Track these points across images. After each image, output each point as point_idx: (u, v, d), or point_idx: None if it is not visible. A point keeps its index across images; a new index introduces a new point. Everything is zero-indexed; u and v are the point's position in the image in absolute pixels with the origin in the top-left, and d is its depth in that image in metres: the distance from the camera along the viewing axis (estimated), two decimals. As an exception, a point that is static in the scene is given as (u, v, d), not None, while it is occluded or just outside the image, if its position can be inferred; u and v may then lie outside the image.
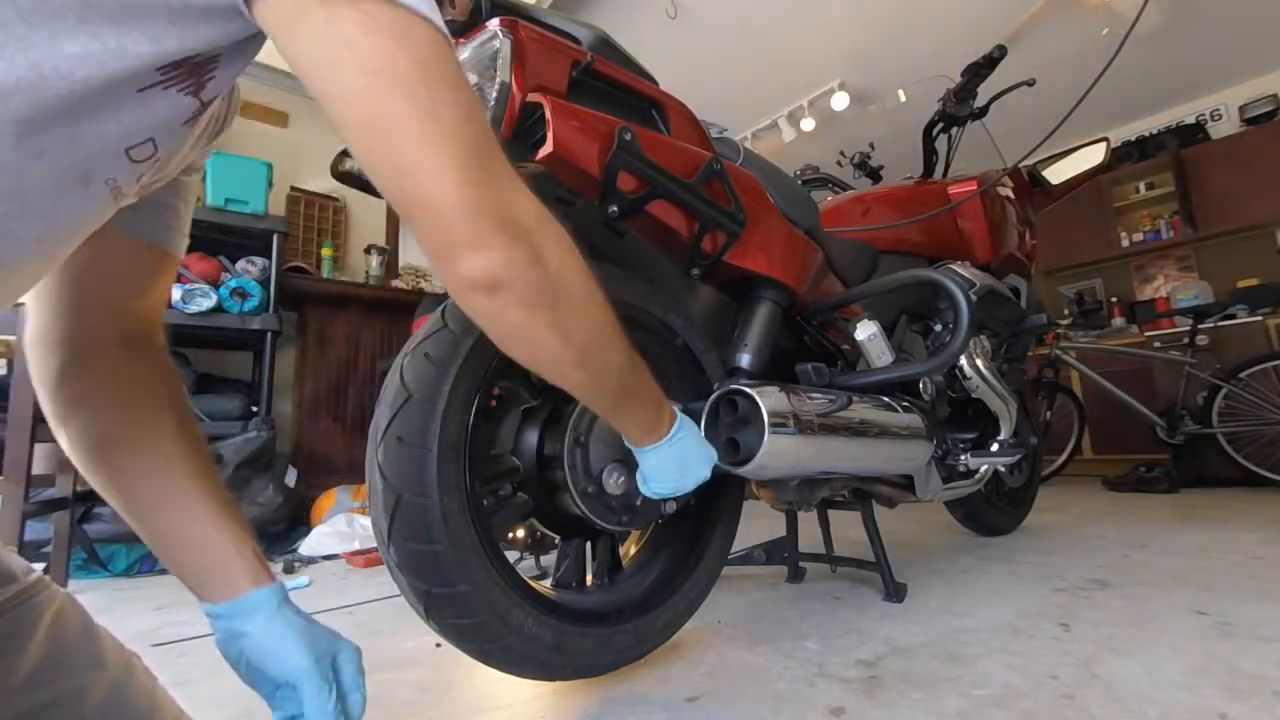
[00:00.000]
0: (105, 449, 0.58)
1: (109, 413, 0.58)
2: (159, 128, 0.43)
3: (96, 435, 0.58)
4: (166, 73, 0.41)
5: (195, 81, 0.43)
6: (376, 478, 0.71)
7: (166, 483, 0.58)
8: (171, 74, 0.41)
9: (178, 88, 0.42)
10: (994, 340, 1.59)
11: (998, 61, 1.69)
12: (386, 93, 0.40)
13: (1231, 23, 3.34)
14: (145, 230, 0.58)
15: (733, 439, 0.87)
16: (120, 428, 0.58)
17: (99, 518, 2.06)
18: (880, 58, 3.54)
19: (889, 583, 1.26)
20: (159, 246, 0.59)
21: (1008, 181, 1.81)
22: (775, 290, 1.05)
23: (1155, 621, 1.06)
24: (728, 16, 3.23)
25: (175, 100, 0.42)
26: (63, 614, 0.51)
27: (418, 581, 0.70)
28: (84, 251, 0.50)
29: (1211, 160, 3.88)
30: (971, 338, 1.16)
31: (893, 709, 0.78)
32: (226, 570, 0.57)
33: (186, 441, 0.60)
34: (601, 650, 0.83)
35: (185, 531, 0.58)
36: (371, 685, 0.94)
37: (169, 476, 0.58)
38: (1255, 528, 1.87)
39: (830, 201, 1.66)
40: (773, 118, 4.10)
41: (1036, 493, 2.07)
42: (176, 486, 0.58)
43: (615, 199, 0.80)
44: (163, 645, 1.21)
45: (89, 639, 0.52)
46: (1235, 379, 2.94)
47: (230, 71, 0.46)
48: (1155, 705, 0.76)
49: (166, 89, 0.41)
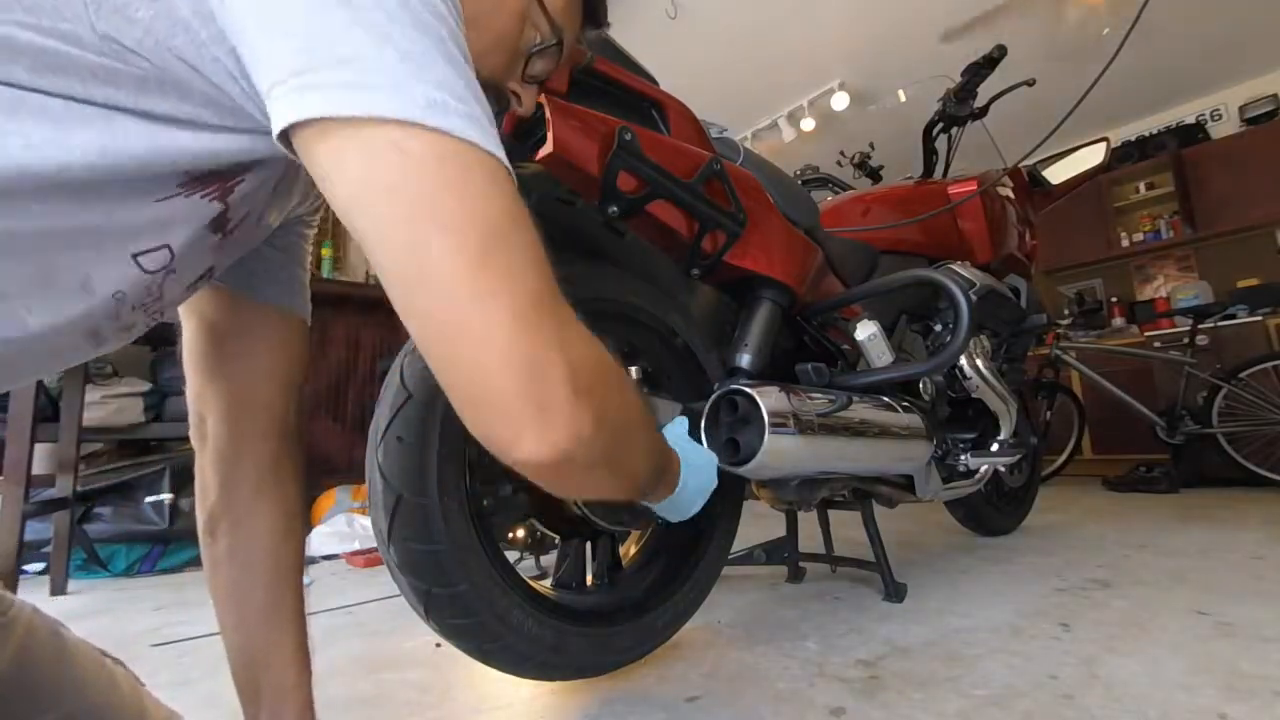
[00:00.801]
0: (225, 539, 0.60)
1: (256, 519, 0.60)
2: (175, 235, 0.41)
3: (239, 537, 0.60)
4: (189, 183, 0.39)
5: (221, 187, 0.41)
6: (376, 478, 0.71)
7: (266, 579, 0.60)
8: (195, 183, 0.40)
9: (201, 194, 0.41)
10: (994, 340, 1.59)
11: (998, 61, 1.69)
12: (426, 241, 0.34)
13: (1232, 23, 3.34)
14: (273, 295, 0.60)
15: (733, 439, 0.87)
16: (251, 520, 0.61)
17: (99, 518, 2.06)
18: (880, 58, 3.54)
19: (889, 583, 1.26)
20: (294, 313, 0.61)
21: (1008, 181, 1.81)
22: (775, 290, 1.05)
23: (1155, 621, 1.06)
24: (728, 16, 3.23)
25: (197, 206, 0.41)
26: (31, 636, 0.48)
27: (418, 581, 0.70)
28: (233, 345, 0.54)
29: (1211, 160, 3.88)
30: (971, 338, 1.16)
31: (893, 709, 0.78)
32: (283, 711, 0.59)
33: (297, 531, 0.63)
34: (601, 650, 0.83)
35: (267, 647, 0.60)
36: (371, 685, 0.95)
37: (273, 573, 0.61)
38: (1255, 528, 1.87)
39: (830, 201, 1.66)
40: (773, 118, 4.10)
41: (1036, 493, 2.07)
42: (274, 586, 0.61)
43: (615, 199, 0.80)
44: (163, 645, 1.21)
45: (62, 666, 0.49)
46: (1235, 379, 2.93)
47: (261, 176, 0.44)
48: (1155, 705, 0.76)
49: (189, 196, 0.40)
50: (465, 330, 0.35)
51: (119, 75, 0.35)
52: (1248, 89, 3.94)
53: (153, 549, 2.10)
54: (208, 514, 0.60)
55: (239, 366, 0.59)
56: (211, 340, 0.58)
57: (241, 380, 0.59)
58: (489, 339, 0.35)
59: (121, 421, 2.31)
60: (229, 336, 0.58)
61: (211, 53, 0.36)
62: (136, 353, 2.66)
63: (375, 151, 0.34)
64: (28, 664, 0.46)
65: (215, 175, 0.41)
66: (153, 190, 0.39)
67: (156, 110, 0.36)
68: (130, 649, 1.18)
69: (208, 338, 0.58)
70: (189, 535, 2.16)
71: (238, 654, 0.61)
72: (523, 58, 0.55)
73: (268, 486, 0.60)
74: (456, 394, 0.37)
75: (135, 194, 0.38)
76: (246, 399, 0.59)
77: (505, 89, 0.56)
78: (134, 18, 0.34)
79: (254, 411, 0.59)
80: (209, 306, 0.58)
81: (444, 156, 0.35)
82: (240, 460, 0.59)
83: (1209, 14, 3.26)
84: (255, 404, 0.59)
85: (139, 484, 2.16)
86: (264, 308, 0.58)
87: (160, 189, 0.39)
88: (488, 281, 0.35)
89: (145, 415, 2.38)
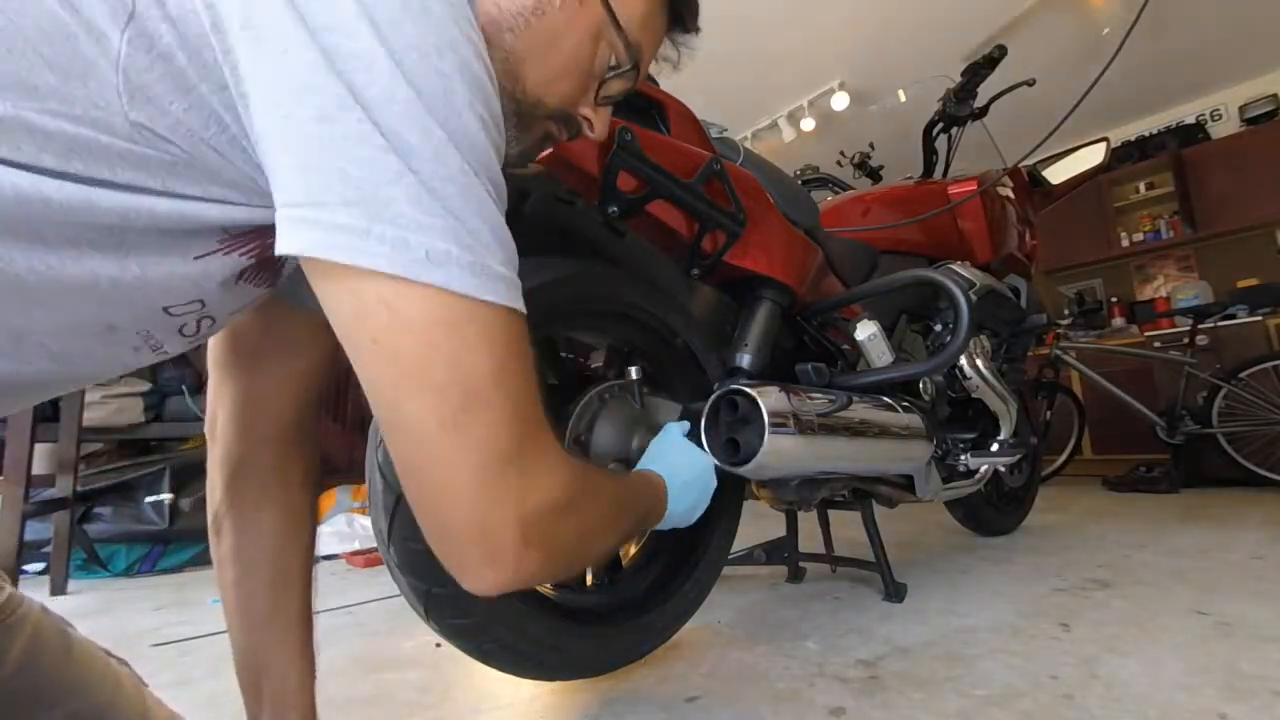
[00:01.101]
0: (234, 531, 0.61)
1: (265, 513, 0.61)
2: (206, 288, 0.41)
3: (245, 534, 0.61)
4: (227, 241, 0.39)
5: (261, 244, 0.41)
6: (376, 478, 0.71)
7: (269, 580, 0.61)
8: (235, 240, 0.40)
9: (240, 251, 0.40)
10: (994, 340, 1.59)
11: (998, 61, 1.69)
12: (404, 400, 0.36)
13: (1232, 23, 3.34)
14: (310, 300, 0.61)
15: (733, 439, 0.87)
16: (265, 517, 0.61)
17: (99, 518, 2.06)
18: (880, 58, 3.54)
19: (889, 583, 1.26)
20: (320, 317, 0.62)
21: (1008, 181, 1.81)
22: (775, 290, 1.05)
23: (1155, 621, 1.06)
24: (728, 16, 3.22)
25: (232, 261, 0.41)
26: (39, 634, 0.48)
27: (418, 581, 0.70)
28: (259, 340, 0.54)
29: (1211, 160, 3.88)
30: (971, 338, 1.16)
31: (893, 709, 0.78)
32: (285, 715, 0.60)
33: (303, 535, 0.63)
34: (601, 650, 0.83)
35: (269, 649, 0.61)
36: (371, 685, 0.95)
37: (282, 565, 0.61)
38: (1255, 528, 1.87)
39: (830, 201, 1.66)
40: (773, 118, 4.10)
41: (1036, 493, 2.07)
42: (277, 588, 0.61)
43: (615, 199, 0.80)
44: (163, 645, 1.21)
45: (68, 665, 0.49)
46: (1235, 379, 2.93)
47: None
48: (1155, 705, 0.76)
49: (228, 254, 0.40)
50: (431, 479, 0.37)
51: (149, 161, 0.34)
52: (1248, 89, 3.94)
53: (153, 549, 2.11)
54: (214, 512, 0.60)
55: (255, 367, 0.58)
56: (232, 338, 0.58)
57: (255, 381, 0.58)
58: (450, 494, 0.37)
59: (121, 421, 2.31)
60: (250, 336, 0.57)
61: (241, 145, 0.36)
62: (136, 353, 2.66)
63: (365, 303, 0.35)
64: (35, 662, 0.47)
65: (255, 232, 0.40)
66: (192, 247, 0.38)
67: (185, 192, 0.36)
68: (130, 649, 1.18)
69: (229, 335, 0.58)
70: (189, 535, 2.16)
71: (241, 654, 0.61)
72: (596, 80, 0.52)
73: (273, 488, 0.60)
74: (421, 518, 0.40)
75: (174, 250, 0.38)
76: (258, 400, 0.58)
77: (576, 115, 0.52)
78: (167, 109, 0.34)
79: (264, 413, 0.59)
80: None
81: (433, 315, 0.35)
82: (246, 460, 0.59)
83: (1209, 14, 3.26)
84: (266, 406, 0.59)
85: (139, 484, 2.16)
86: (295, 312, 0.56)
87: (200, 246, 0.39)
88: (457, 443, 0.36)
89: (145, 415, 2.38)
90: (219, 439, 0.59)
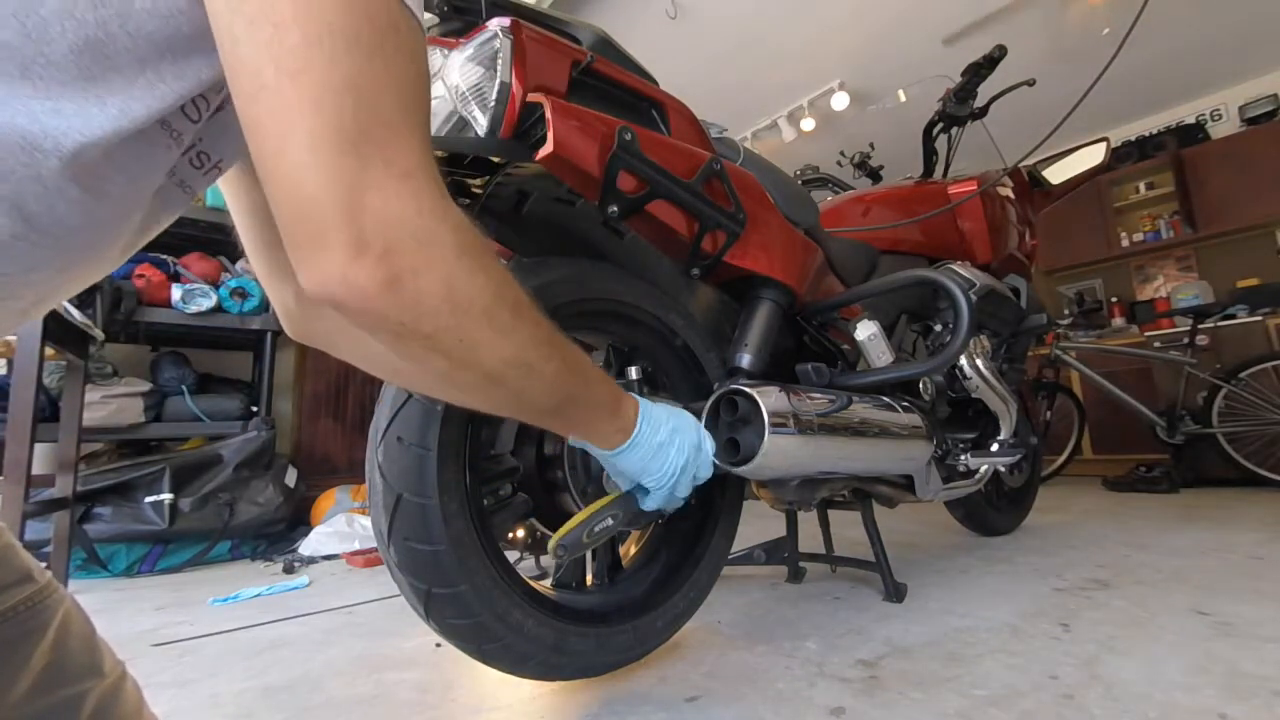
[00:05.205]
0: None
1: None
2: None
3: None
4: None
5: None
6: (376, 478, 0.71)
7: None
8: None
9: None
10: (994, 340, 1.59)
11: (998, 61, 1.70)
12: (245, 25, 0.33)
13: (1232, 23, 3.34)
14: None
15: (733, 439, 0.87)
16: None
17: (99, 518, 2.06)
18: (880, 58, 3.54)
19: (889, 583, 1.26)
20: None
21: (1008, 181, 1.81)
22: (775, 290, 1.05)
23: (1155, 621, 1.06)
24: (728, 16, 3.23)
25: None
26: (68, 617, 0.50)
27: (418, 581, 0.70)
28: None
29: (1211, 160, 3.88)
30: (971, 338, 1.16)
31: (893, 709, 0.78)
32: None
33: None
34: (601, 650, 0.83)
35: None
36: (371, 685, 0.95)
37: None
38: (1255, 528, 1.87)
39: (830, 201, 1.66)
40: (773, 118, 4.10)
41: (1036, 493, 2.07)
42: None
43: (615, 199, 0.80)
44: (163, 645, 1.21)
45: (90, 644, 0.51)
46: (1235, 379, 2.93)
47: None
48: (1155, 705, 0.76)
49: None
50: (267, 133, 0.34)
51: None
52: (1248, 89, 3.94)
53: (153, 549, 2.11)
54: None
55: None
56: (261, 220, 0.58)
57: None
58: (286, 158, 0.34)
59: (121, 421, 2.31)
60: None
61: None
62: (136, 353, 2.66)
63: None
64: (64, 635, 0.48)
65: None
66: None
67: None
68: (130, 649, 1.18)
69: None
70: (189, 535, 2.17)
71: None
72: None
73: None
74: (265, 191, 0.36)
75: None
76: None
77: None
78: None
79: None
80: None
81: None
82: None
83: (1209, 14, 3.26)
84: None
85: (139, 484, 2.16)
86: None
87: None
88: (293, 94, 0.33)
89: (145, 415, 2.38)
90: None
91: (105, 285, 2.22)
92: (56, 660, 0.47)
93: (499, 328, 0.45)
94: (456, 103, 0.75)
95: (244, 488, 2.35)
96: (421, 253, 0.38)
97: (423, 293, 0.39)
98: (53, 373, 2.08)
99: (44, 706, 0.46)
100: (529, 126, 0.75)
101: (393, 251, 0.37)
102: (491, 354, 0.46)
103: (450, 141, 0.76)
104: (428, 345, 0.42)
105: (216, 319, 2.52)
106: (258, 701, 0.90)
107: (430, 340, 0.42)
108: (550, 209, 0.92)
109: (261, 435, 2.44)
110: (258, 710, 0.88)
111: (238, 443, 2.39)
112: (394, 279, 0.37)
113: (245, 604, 1.54)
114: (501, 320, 0.45)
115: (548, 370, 0.52)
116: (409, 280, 0.38)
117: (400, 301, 0.38)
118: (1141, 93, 3.98)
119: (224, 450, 2.36)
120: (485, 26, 0.75)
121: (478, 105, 0.74)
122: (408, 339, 0.41)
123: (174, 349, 2.66)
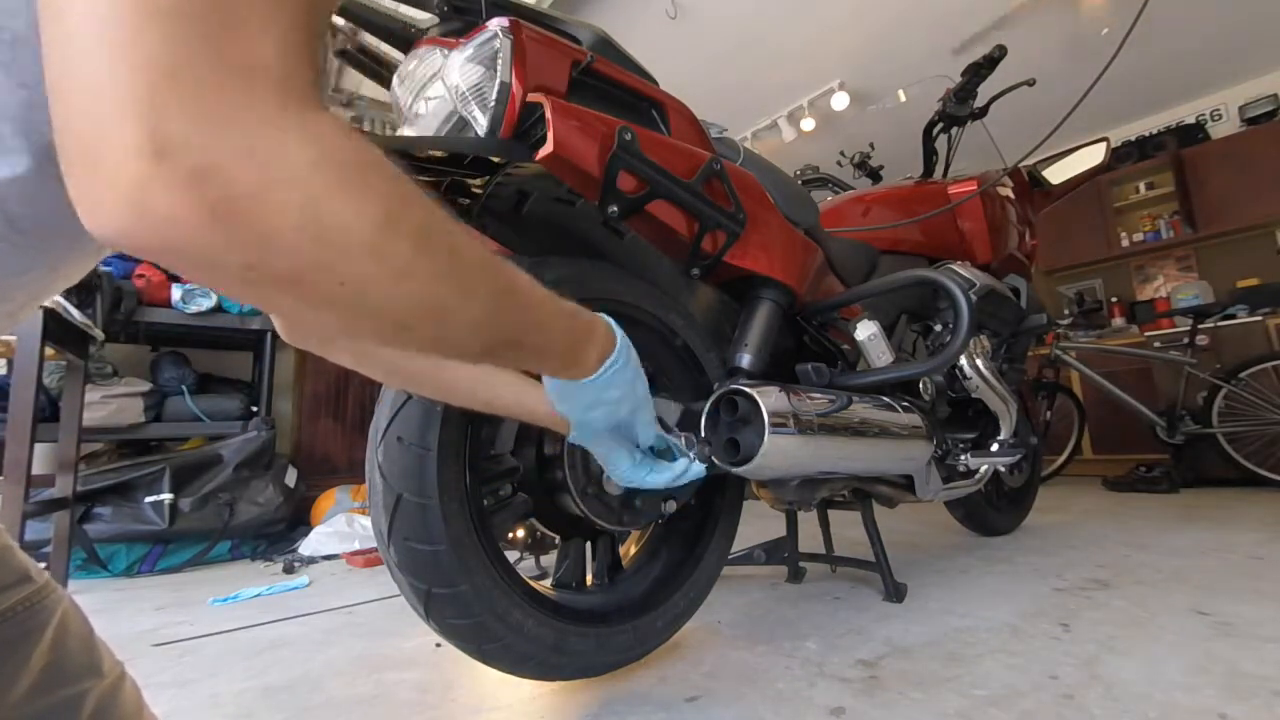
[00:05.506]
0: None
1: None
2: None
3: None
4: None
5: None
6: (376, 478, 0.71)
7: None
8: None
9: None
10: (994, 340, 1.59)
11: (998, 61, 1.70)
12: None
13: (1232, 23, 3.34)
14: None
15: (733, 439, 0.87)
16: None
17: (99, 518, 2.06)
18: (880, 58, 3.54)
19: (889, 583, 1.26)
20: None
21: (1008, 181, 1.81)
22: (775, 290, 1.05)
23: (1155, 621, 1.06)
24: (728, 16, 3.23)
25: None
26: (67, 617, 0.50)
27: (418, 581, 0.70)
28: None
29: (1211, 160, 3.88)
30: (971, 338, 1.16)
31: (893, 709, 0.78)
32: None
33: None
34: (601, 650, 0.83)
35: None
36: (371, 685, 0.95)
37: None
38: (1255, 528, 1.87)
39: (830, 201, 1.66)
40: (773, 118, 4.10)
41: (1036, 493, 2.07)
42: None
43: (615, 199, 0.80)
44: (163, 645, 1.21)
45: (88, 644, 0.51)
46: (1235, 379, 2.93)
47: None
48: (1155, 705, 0.76)
49: None
50: (69, 89, 0.25)
51: None
52: (1248, 89, 3.94)
53: (153, 549, 2.11)
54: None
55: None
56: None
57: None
58: (78, 96, 0.25)
59: (121, 421, 2.31)
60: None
61: None
62: (136, 353, 2.66)
63: None
64: (63, 643, 0.48)
65: None
66: None
67: None
68: (130, 649, 1.18)
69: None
70: (189, 535, 2.17)
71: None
72: None
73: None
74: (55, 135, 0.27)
75: None
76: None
77: None
78: None
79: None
80: None
81: None
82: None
83: (1209, 14, 3.26)
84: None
85: (139, 484, 2.16)
86: None
87: None
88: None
89: (145, 415, 2.39)
90: None
91: (105, 285, 2.22)
92: (55, 660, 0.47)
93: (393, 264, 0.34)
94: (456, 103, 0.76)
95: (244, 488, 2.35)
96: (260, 168, 0.28)
97: (269, 222, 0.28)
98: (53, 373, 2.08)
99: (43, 707, 0.45)
100: (529, 126, 0.75)
101: (217, 167, 0.26)
102: (387, 298, 0.34)
103: (450, 141, 0.76)
104: (296, 294, 0.31)
105: (216, 319, 2.52)
106: (258, 701, 0.90)
107: (297, 287, 0.31)
108: (550, 209, 0.92)
109: (261, 435, 2.45)
110: (258, 710, 0.88)
111: (238, 443, 2.39)
112: (221, 203, 0.27)
113: (245, 604, 1.55)
114: (396, 254, 0.34)
115: (472, 311, 0.40)
116: (245, 204, 0.27)
117: (235, 236, 0.28)
118: (1141, 93, 3.98)
119: (224, 450, 2.36)
120: (485, 26, 0.75)
121: (478, 105, 0.74)
122: (263, 286, 0.30)
123: (174, 349, 2.66)
